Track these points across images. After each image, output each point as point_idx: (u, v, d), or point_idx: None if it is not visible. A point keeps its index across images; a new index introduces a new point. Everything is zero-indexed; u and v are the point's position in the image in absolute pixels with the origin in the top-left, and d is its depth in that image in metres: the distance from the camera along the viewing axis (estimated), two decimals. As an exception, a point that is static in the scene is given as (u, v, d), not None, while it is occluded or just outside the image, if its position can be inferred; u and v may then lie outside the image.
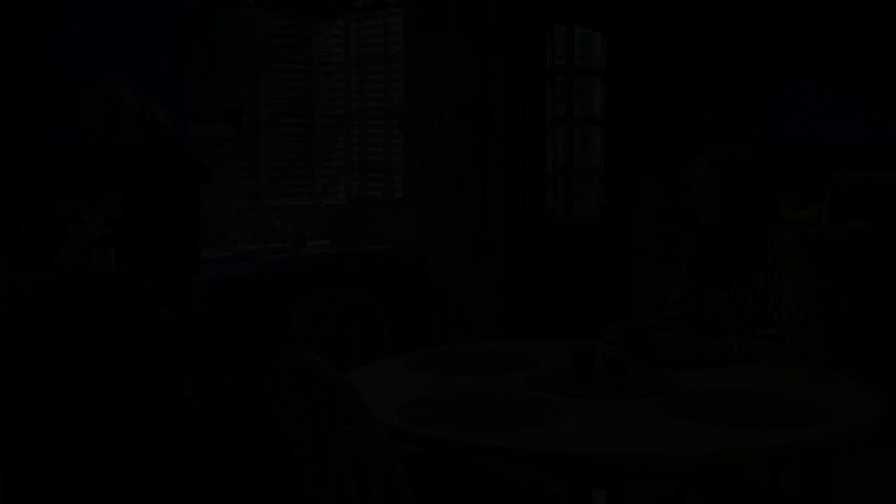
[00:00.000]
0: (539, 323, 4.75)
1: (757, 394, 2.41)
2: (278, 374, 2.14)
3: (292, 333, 3.16)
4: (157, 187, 3.30)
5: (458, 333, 4.44)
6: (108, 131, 3.28)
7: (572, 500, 2.98)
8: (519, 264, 4.70)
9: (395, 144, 4.78)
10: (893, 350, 4.71)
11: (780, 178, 5.55)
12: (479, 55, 4.49)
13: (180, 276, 3.27)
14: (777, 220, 2.93)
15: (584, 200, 5.16)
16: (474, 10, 4.47)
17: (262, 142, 4.71)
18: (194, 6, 4.28)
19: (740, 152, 2.94)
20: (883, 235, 4.85)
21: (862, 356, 3.22)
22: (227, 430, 4.01)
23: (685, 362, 2.73)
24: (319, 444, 2.16)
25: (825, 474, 2.53)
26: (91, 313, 3.63)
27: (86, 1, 3.74)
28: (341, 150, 5.03)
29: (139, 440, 3.66)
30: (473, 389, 2.50)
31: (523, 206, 4.66)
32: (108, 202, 4.16)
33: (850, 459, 4.38)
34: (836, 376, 2.67)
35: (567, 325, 4.78)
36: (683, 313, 3.09)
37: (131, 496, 3.72)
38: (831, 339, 3.17)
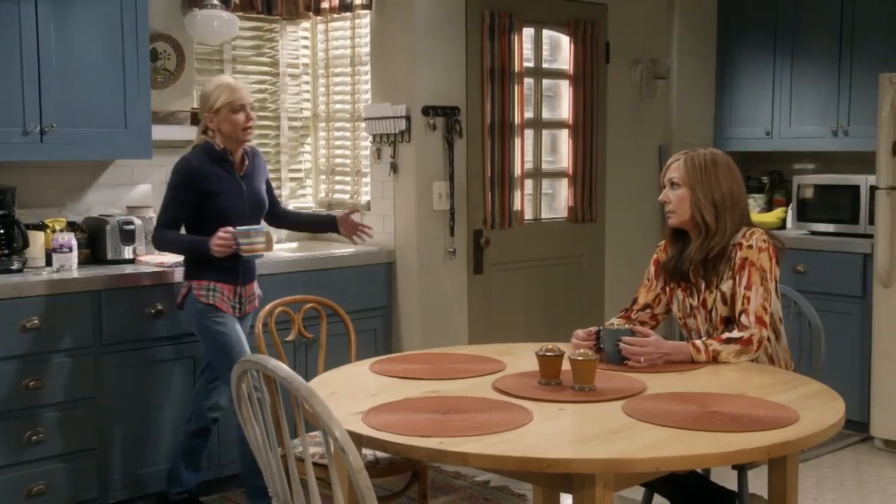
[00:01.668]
0: (508, 326, 4.75)
1: (724, 397, 2.43)
2: (241, 380, 2.12)
3: (257, 339, 3.12)
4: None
5: (427, 337, 4.42)
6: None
7: (540, 504, 2.98)
8: (487, 267, 4.69)
9: (362, 147, 4.75)
10: (859, 352, 4.76)
11: (746, 181, 5.57)
12: (446, 57, 4.48)
13: None
14: (747, 224, 2.95)
15: (552, 203, 5.17)
16: (442, 12, 4.46)
17: (227, 144, 4.65)
18: (158, 7, 4.23)
19: (714, 155, 2.96)
20: (848, 237, 4.90)
21: (828, 358, 3.24)
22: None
23: (652, 365, 2.73)
24: (283, 449, 2.14)
25: (791, 475, 2.55)
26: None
27: (47, 1, 3.68)
28: (308, 152, 5.00)
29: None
30: (440, 394, 2.50)
31: (492, 208, 4.65)
32: (72, 205, 4.12)
33: (816, 459, 4.42)
34: (803, 379, 2.70)
35: (537, 328, 4.79)
36: (652, 316, 3.10)
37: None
38: (797, 342, 3.19)
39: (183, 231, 3.60)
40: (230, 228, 3.47)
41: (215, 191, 3.54)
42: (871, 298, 4.66)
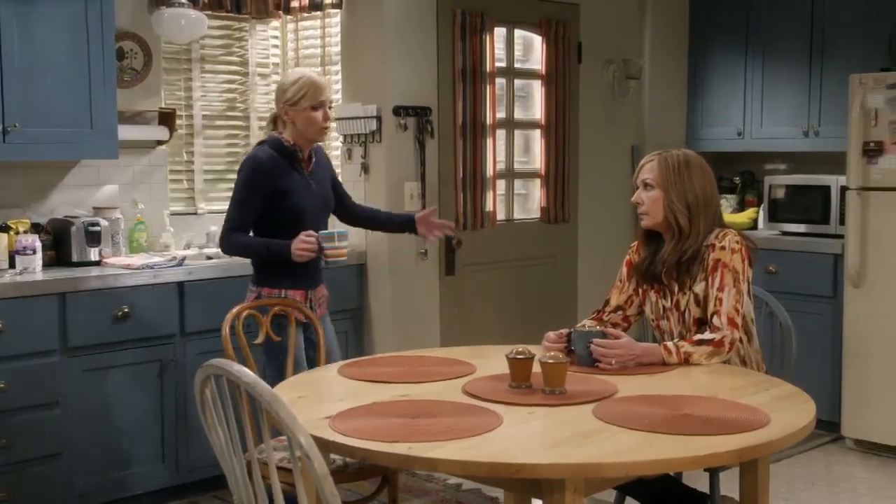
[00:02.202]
0: (481, 328, 4.72)
1: (695, 399, 2.42)
2: (204, 385, 2.09)
3: (224, 342, 3.07)
4: None
5: (398, 340, 4.39)
6: None
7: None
8: (460, 269, 4.66)
9: (332, 147, 4.71)
10: (830, 352, 4.77)
11: (718, 181, 5.58)
12: (417, 57, 4.45)
13: None
14: (720, 225, 2.94)
15: (525, 203, 5.15)
16: (412, 11, 4.43)
17: (196, 144, 4.61)
18: (125, 5, 4.17)
19: (687, 156, 2.94)
20: (819, 237, 4.91)
21: (799, 358, 3.24)
22: (160, 439, 3.91)
23: (623, 368, 2.72)
24: (247, 455, 2.10)
25: (763, 477, 2.55)
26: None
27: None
28: (279, 153, 4.94)
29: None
30: (409, 398, 2.47)
31: (464, 209, 4.63)
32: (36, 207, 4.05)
33: (788, 459, 4.43)
34: (774, 381, 2.70)
35: (509, 329, 4.78)
36: (624, 318, 3.09)
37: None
38: (769, 343, 3.19)
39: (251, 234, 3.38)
40: (312, 232, 3.26)
41: (286, 189, 3.31)
42: (842, 298, 4.67)
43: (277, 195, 3.31)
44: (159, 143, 4.37)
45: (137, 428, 3.84)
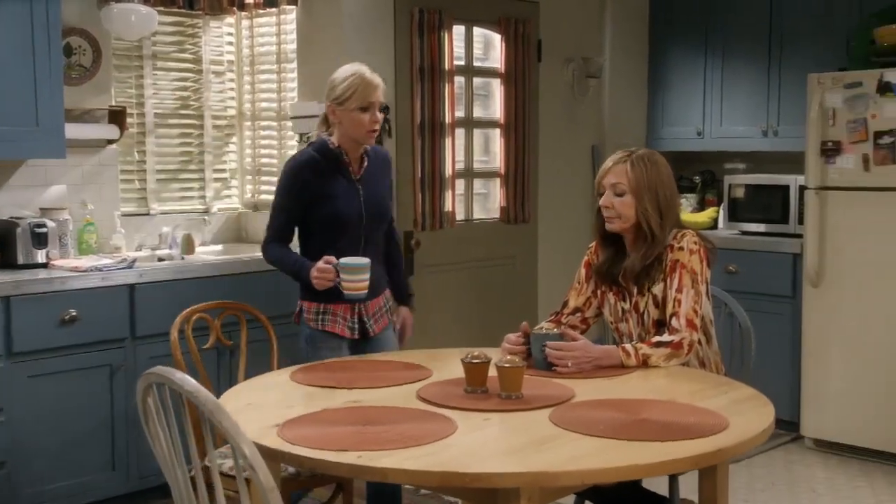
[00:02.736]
0: (440, 330, 4.67)
1: (653, 403, 2.39)
2: (146, 393, 2.02)
3: (172, 347, 2.99)
4: None
5: (356, 342, 4.31)
6: None
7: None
8: (418, 270, 4.60)
9: (289, 147, 4.64)
10: (790, 352, 4.77)
11: (679, 181, 5.57)
12: (374, 55, 4.37)
13: None
14: (678, 225, 2.90)
15: (485, 203, 5.10)
16: (370, 8, 4.36)
17: (148, 144, 4.51)
18: (73, 0, 4.06)
19: (654, 157, 2.90)
20: (778, 237, 4.91)
21: (759, 358, 3.22)
22: (110, 445, 3.82)
23: (581, 371, 2.67)
24: (191, 467, 2.03)
25: (722, 480, 2.52)
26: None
27: (-49, -8, 3.50)
28: (233, 152, 4.86)
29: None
30: (361, 404, 2.41)
31: (422, 209, 4.57)
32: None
33: (747, 460, 4.42)
34: (733, 383, 2.67)
35: (469, 331, 4.72)
36: (582, 320, 3.05)
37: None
38: (729, 343, 3.16)
39: (295, 241, 3.19)
40: (333, 259, 2.98)
41: (327, 194, 3.07)
42: (801, 298, 4.67)
43: (317, 200, 3.08)
44: (109, 142, 4.28)
45: (86, 435, 3.74)
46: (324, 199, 3.08)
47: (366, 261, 2.99)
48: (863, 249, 4.44)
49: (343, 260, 2.97)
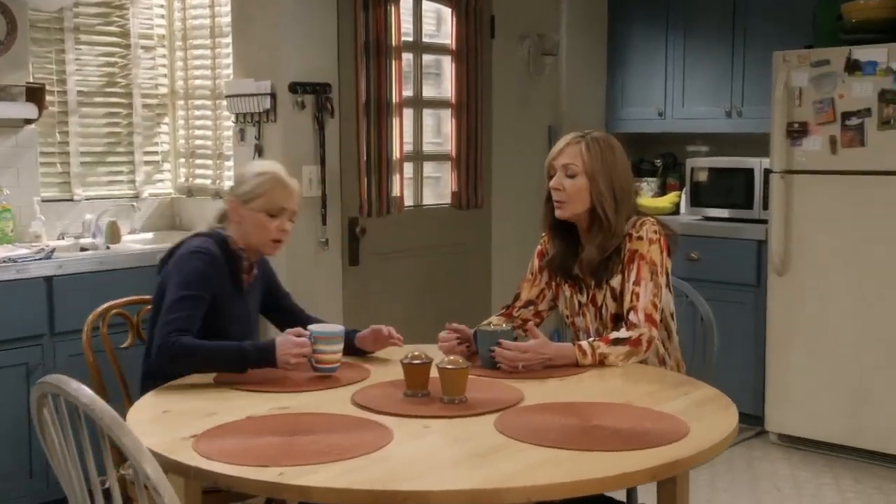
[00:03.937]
0: (387, 322, 4.30)
1: (607, 407, 2.20)
2: (41, 404, 1.83)
3: (84, 346, 2.72)
4: None
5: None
6: None
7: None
8: (364, 258, 4.35)
9: (224, 128, 4.39)
10: (753, 342, 4.59)
11: (639, 164, 5.38)
12: (316, 29, 4.11)
13: None
14: (636, 213, 2.68)
15: (435, 188, 4.86)
16: (310, -22, 4.08)
17: (71, 124, 4.22)
18: (-16, -33, 3.76)
19: (609, 139, 2.70)
20: (742, 223, 4.72)
21: (722, 349, 3.04)
22: (27, 451, 3.56)
23: (532, 371, 2.45)
24: (104, 478, 1.80)
25: (682, 489, 2.33)
26: None
27: None
28: (166, 133, 4.60)
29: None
30: (289, 411, 2.21)
31: (368, 194, 4.31)
32: None
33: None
34: (694, 383, 2.49)
35: (418, 323, 4.47)
36: (535, 314, 2.86)
37: None
38: (691, 335, 2.95)
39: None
40: (303, 331, 2.52)
41: (218, 301, 2.65)
42: (766, 287, 4.49)
43: (210, 306, 2.62)
44: (27, 121, 4.01)
45: (0, 439, 3.49)
46: (216, 305, 2.63)
47: (340, 328, 2.57)
48: (830, 236, 4.27)
49: (314, 328, 2.53)
